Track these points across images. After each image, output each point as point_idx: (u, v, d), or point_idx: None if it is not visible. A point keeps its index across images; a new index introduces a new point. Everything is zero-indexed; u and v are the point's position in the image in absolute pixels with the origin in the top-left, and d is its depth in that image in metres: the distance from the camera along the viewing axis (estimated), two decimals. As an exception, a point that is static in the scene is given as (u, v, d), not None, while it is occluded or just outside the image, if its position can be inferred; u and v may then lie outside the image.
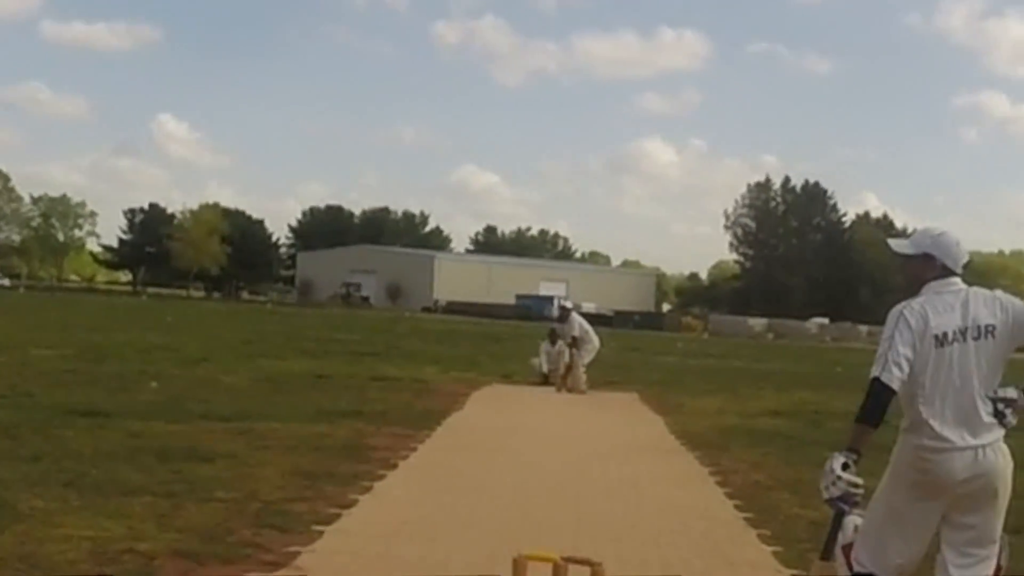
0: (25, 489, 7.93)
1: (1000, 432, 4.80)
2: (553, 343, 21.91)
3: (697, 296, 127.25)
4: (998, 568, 4.89)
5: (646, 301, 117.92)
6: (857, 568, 4.95)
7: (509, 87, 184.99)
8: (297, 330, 40.24)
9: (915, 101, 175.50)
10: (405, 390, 18.09)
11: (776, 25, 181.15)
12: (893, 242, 5.15)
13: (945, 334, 4.74)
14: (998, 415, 4.82)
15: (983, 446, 4.72)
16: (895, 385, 4.69)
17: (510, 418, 15.42)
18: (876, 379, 4.70)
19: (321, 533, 7.27)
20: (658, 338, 60.95)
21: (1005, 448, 4.80)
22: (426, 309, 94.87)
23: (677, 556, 7.22)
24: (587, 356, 21.03)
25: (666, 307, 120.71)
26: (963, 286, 4.90)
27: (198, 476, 8.92)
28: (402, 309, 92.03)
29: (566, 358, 20.98)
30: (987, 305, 4.83)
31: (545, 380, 21.52)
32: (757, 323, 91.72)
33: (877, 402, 4.70)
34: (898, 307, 4.86)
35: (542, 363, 21.98)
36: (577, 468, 10.97)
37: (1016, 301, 4.90)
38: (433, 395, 17.63)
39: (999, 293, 4.94)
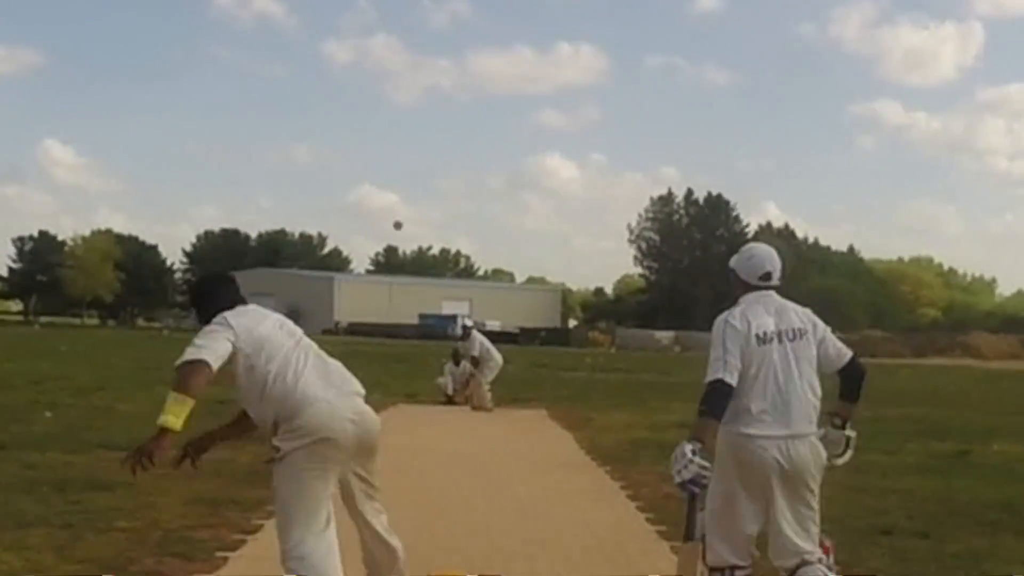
0: (-85, 525, 7.61)
1: (813, 428, 5.36)
2: (457, 363, 21.84)
3: (603, 311, 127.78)
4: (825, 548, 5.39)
5: (552, 317, 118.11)
6: (713, 560, 5.38)
7: (404, 105, 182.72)
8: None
9: (812, 110, 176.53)
10: (309, 413, 17.78)
11: (673, 38, 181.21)
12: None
13: (765, 333, 5.37)
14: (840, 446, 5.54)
15: (794, 436, 5.28)
16: (734, 383, 5.24)
17: (417, 438, 15.25)
18: (720, 380, 5.24)
19: (226, 560, 7.12)
20: (565, 354, 61.11)
21: (816, 442, 5.36)
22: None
23: (590, 571, 7.18)
24: (490, 374, 20.98)
25: (572, 322, 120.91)
26: (778, 297, 5.56)
27: (97, 506, 8.66)
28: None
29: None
30: (797, 314, 5.51)
31: (450, 400, 21.45)
32: (664, 336, 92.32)
33: (722, 400, 5.24)
34: (721, 316, 5.47)
35: (447, 384, 21.89)
36: (487, 486, 10.90)
37: (819, 320, 5.57)
38: (338, 417, 17.37)
39: (807, 310, 5.58)
